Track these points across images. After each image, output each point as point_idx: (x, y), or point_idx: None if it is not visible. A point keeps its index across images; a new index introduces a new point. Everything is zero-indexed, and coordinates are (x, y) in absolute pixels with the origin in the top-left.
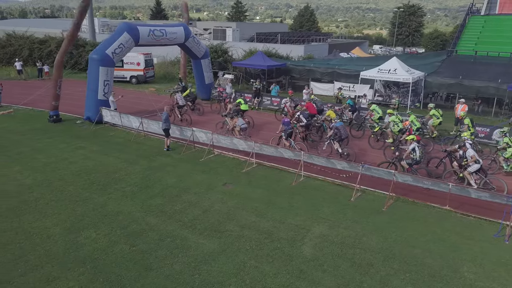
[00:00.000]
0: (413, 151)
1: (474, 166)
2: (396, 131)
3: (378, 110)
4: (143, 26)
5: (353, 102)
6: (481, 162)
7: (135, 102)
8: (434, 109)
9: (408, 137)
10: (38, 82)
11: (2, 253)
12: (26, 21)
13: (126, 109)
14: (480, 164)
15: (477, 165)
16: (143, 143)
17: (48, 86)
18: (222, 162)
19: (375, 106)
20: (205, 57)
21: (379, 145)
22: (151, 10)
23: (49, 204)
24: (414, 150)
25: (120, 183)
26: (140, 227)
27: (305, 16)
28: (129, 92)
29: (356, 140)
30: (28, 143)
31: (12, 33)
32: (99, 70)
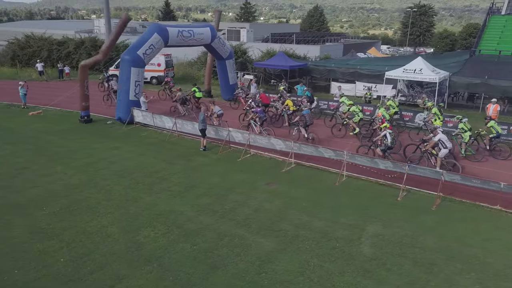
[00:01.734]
0: (385, 137)
1: (442, 151)
2: (357, 120)
3: (347, 102)
4: (172, 27)
5: (310, 94)
6: (450, 147)
7: (160, 103)
8: (391, 101)
9: (381, 125)
10: (59, 83)
11: (67, 251)
12: (41, 23)
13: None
14: (448, 149)
15: (446, 150)
16: (178, 143)
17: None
18: (259, 162)
19: (344, 99)
20: (230, 58)
21: (341, 133)
22: (159, 11)
23: (101, 204)
24: (386, 137)
25: (165, 182)
26: (196, 226)
27: (314, 16)
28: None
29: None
30: (64, 143)
31: (31, 34)
32: (130, 70)
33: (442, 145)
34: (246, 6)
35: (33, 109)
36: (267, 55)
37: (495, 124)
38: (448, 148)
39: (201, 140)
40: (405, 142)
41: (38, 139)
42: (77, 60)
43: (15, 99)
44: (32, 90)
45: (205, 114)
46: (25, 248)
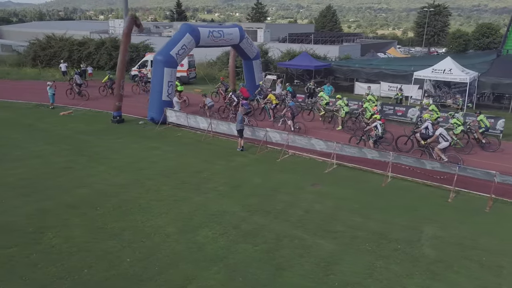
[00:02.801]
0: (376, 128)
1: (443, 144)
2: (343, 114)
3: (326, 97)
4: (203, 27)
5: (292, 89)
6: (450, 140)
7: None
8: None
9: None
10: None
11: (131, 252)
12: (55, 24)
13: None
14: (449, 142)
15: (446, 143)
16: (214, 143)
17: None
18: (299, 162)
19: (322, 93)
20: (257, 58)
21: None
22: (171, 12)
23: (152, 204)
24: (377, 127)
25: (210, 182)
26: (251, 227)
27: (327, 16)
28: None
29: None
30: (101, 143)
31: (51, 35)
32: (163, 71)
33: (443, 138)
34: (257, 6)
35: (62, 109)
36: (287, 55)
37: (484, 118)
38: (448, 141)
39: (239, 141)
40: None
41: (74, 139)
42: (98, 60)
43: (43, 99)
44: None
45: (243, 114)
46: (89, 248)
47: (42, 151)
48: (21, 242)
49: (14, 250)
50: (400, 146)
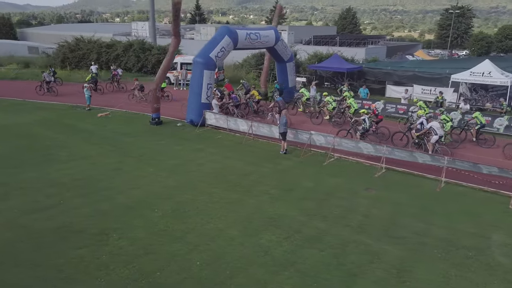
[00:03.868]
0: (364, 121)
1: (434, 137)
2: (331, 109)
3: (306, 93)
4: (240, 29)
5: (279, 86)
6: (442, 134)
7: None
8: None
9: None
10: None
11: (198, 254)
12: (77, 26)
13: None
14: (439, 136)
15: (436, 137)
16: (255, 146)
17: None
18: (346, 166)
19: (303, 90)
20: (290, 60)
21: (318, 121)
22: (190, 14)
23: (209, 206)
24: (365, 121)
25: (260, 185)
26: (313, 231)
27: (347, 18)
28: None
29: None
30: (144, 145)
31: (80, 37)
32: (203, 73)
33: (434, 132)
34: (275, 8)
35: (99, 110)
36: (314, 57)
37: (480, 115)
38: (439, 134)
39: (282, 143)
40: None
41: (117, 141)
42: (125, 62)
43: (77, 100)
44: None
45: (287, 116)
46: (155, 250)
47: (88, 152)
48: (89, 243)
49: (84, 251)
50: (396, 142)
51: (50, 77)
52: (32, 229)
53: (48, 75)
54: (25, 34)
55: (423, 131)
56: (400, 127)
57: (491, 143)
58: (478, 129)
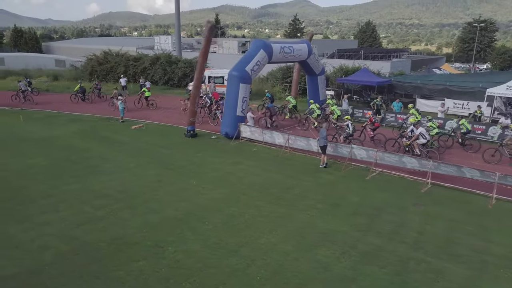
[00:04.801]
0: (347, 126)
1: (421, 140)
2: (315, 116)
3: (292, 101)
4: (275, 43)
5: (270, 95)
6: (429, 138)
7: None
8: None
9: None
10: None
11: (256, 269)
12: (100, 40)
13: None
14: (426, 140)
15: (424, 140)
16: (293, 159)
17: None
18: (390, 181)
19: (290, 98)
20: (321, 74)
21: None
22: None
23: (258, 220)
24: (348, 126)
25: (305, 200)
26: (369, 247)
27: (366, 32)
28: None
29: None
30: (182, 157)
31: (108, 51)
32: (239, 87)
33: (422, 136)
34: (295, 22)
35: (132, 122)
36: (340, 71)
37: (466, 122)
38: (427, 139)
39: (322, 157)
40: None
41: (154, 153)
42: (152, 75)
43: (111, 112)
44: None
45: (327, 130)
46: (214, 264)
47: (127, 164)
48: (146, 255)
49: (143, 264)
50: (388, 148)
51: (26, 87)
52: (86, 240)
53: (23, 85)
54: (50, 48)
55: (415, 137)
56: (394, 134)
57: (476, 148)
58: (463, 134)
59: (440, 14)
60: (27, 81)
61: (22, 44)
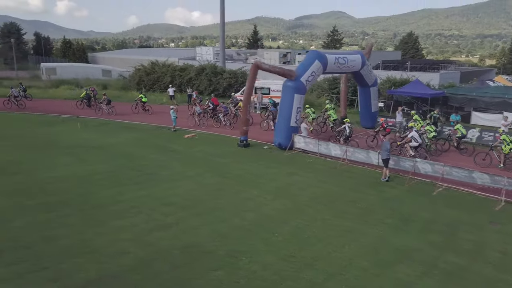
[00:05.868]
0: (344, 129)
1: (413, 143)
2: (310, 119)
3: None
4: (330, 54)
5: (272, 101)
6: (420, 142)
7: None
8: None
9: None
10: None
11: (336, 284)
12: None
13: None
14: (418, 143)
15: (415, 143)
16: (352, 171)
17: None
18: (458, 197)
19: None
20: (374, 85)
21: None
22: (248, 39)
23: (327, 234)
24: (345, 129)
25: (372, 214)
26: (451, 267)
27: (408, 43)
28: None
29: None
30: (238, 167)
31: (155, 61)
32: (293, 97)
33: (414, 140)
34: (333, 33)
35: (184, 132)
36: (387, 82)
37: (461, 127)
38: (418, 142)
39: (384, 170)
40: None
41: (210, 161)
42: (198, 85)
43: (161, 121)
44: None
45: (391, 142)
46: (291, 277)
47: (186, 172)
48: (221, 265)
49: (220, 273)
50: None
51: (17, 92)
52: (161, 247)
53: (15, 90)
54: (96, 58)
55: (405, 140)
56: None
57: (470, 152)
58: (459, 138)
59: (481, 24)
60: (22, 88)
61: (70, 54)
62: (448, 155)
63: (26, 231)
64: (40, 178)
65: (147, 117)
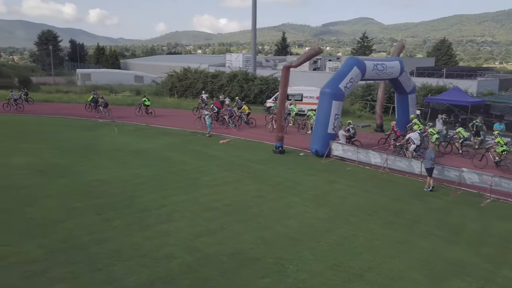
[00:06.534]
0: (348, 130)
1: (411, 146)
2: (311, 122)
3: (294, 109)
4: (368, 60)
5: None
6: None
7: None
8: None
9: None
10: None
11: None
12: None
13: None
14: (415, 145)
15: (413, 146)
16: (393, 180)
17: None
18: (508, 208)
19: (292, 106)
20: (412, 92)
21: (304, 131)
22: (276, 46)
23: (374, 243)
24: (349, 130)
25: (419, 225)
26: (509, 283)
27: (441, 50)
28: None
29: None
30: (276, 173)
31: (188, 68)
32: (331, 104)
33: (412, 142)
34: (363, 40)
35: (218, 137)
36: (423, 89)
37: (462, 130)
38: (415, 144)
39: (428, 180)
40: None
41: (247, 167)
42: (229, 92)
43: (197, 126)
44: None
45: (434, 151)
46: (341, 287)
47: (225, 178)
48: (269, 272)
49: (269, 281)
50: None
51: (17, 96)
52: (208, 253)
53: (15, 94)
54: (127, 64)
55: (403, 141)
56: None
57: (471, 155)
58: (461, 142)
59: None
60: (24, 92)
61: (104, 61)
62: (451, 157)
63: (76, 232)
64: (85, 181)
65: (180, 122)
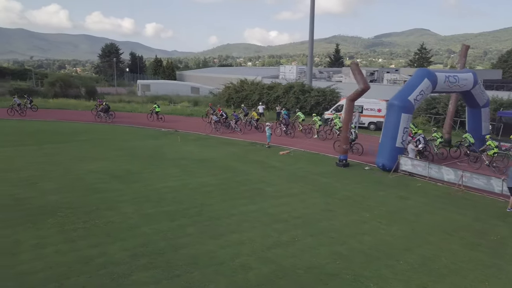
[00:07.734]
0: (350, 133)
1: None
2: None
3: (301, 116)
4: (439, 72)
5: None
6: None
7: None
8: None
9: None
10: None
11: None
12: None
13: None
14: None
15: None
16: (470, 198)
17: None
18: None
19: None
20: (486, 106)
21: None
22: (329, 58)
23: (460, 266)
24: (351, 133)
25: (507, 248)
26: None
27: (508, 61)
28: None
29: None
30: (342, 187)
31: (244, 79)
32: (400, 117)
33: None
34: (421, 51)
35: (278, 148)
36: (493, 103)
37: (469, 136)
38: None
39: (511, 200)
40: None
41: (312, 180)
42: (285, 103)
43: (256, 137)
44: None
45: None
46: None
47: (291, 190)
48: None
49: None
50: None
51: (19, 101)
52: (284, 265)
53: (17, 99)
54: (183, 76)
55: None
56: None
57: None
58: (468, 147)
59: None
60: (29, 99)
61: (161, 72)
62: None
63: (153, 237)
64: (156, 188)
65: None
